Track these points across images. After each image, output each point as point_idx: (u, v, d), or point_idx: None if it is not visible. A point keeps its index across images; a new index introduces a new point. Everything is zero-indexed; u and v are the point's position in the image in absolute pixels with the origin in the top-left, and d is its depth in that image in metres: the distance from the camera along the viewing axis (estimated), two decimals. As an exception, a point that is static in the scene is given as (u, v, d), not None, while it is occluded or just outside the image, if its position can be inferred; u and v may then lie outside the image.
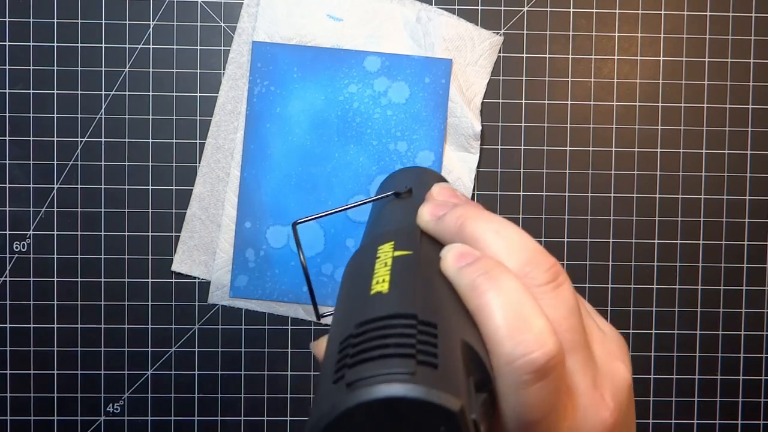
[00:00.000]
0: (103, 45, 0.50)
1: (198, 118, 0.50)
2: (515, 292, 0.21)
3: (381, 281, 0.22)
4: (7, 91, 0.50)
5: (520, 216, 0.51)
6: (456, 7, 0.50)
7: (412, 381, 0.18)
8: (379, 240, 0.26)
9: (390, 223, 0.29)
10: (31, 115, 0.50)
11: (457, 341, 0.20)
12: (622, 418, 0.23)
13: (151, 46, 0.50)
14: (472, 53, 0.50)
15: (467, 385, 0.19)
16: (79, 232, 0.50)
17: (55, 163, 0.50)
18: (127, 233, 0.50)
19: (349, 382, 0.18)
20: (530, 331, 0.20)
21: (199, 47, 0.50)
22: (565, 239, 0.51)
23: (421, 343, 0.19)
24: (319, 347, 0.28)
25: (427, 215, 0.26)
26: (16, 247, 0.50)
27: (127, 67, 0.50)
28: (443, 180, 0.35)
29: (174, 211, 0.50)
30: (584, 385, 0.22)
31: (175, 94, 0.50)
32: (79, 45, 0.50)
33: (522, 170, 0.51)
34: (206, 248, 0.50)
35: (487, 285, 0.21)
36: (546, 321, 0.20)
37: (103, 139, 0.50)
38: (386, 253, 0.24)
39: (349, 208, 0.32)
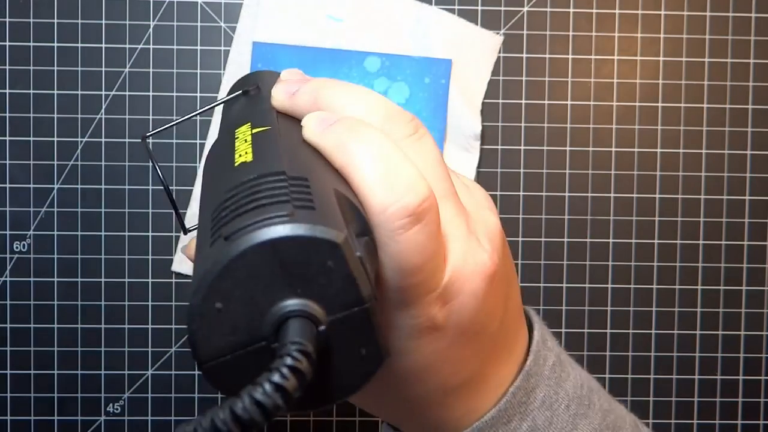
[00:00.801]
0: (103, 45, 0.50)
1: (198, 118, 0.50)
2: (381, 143, 0.21)
3: (244, 154, 0.22)
4: (7, 91, 0.50)
5: (520, 216, 0.51)
6: (456, 7, 0.50)
7: (292, 221, 0.17)
8: (235, 125, 0.25)
9: (242, 112, 0.28)
10: (31, 115, 0.50)
11: (331, 191, 0.20)
12: (500, 262, 0.23)
13: (151, 46, 0.50)
14: (472, 53, 0.50)
15: (347, 226, 0.19)
16: (79, 232, 0.50)
17: (55, 163, 0.50)
18: (127, 233, 0.50)
19: (227, 236, 0.17)
20: (400, 178, 0.20)
21: (199, 47, 0.50)
22: (565, 239, 0.51)
23: (294, 193, 0.19)
24: (191, 247, 0.28)
25: (280, 94, 0.25)
26: (16, 247, 0.50)
27: (127, 67, 0.50)
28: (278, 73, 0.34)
29: (174, 211, 0.50)
30: (459, 231, 0.22)
31: (175, 94, 0.50)
32: (79, 45, 0.50)
33: (522, 170, 0.51)
34: (206, 248, 0.50)
35: (352, 139, 0.21)
36: (414, 167, 0.21)
37: (103, 139, 0.50)
38: (244, 132, 0.24)
39: (201, 112, 0.32)
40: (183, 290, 0.50)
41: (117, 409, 0.51)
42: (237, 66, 0.50)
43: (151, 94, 0.50)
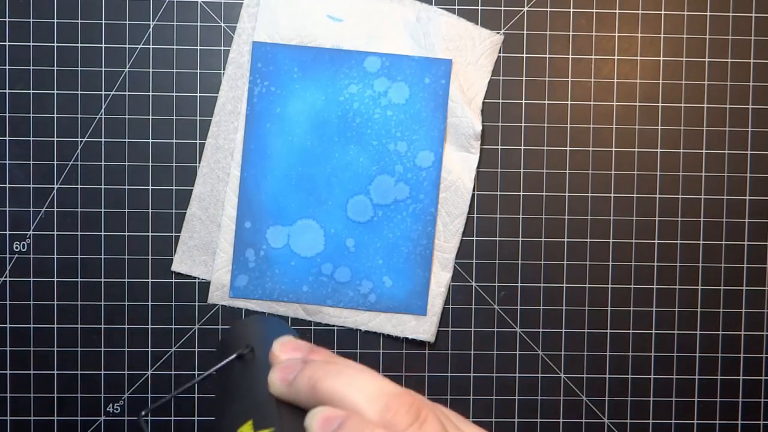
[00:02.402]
0: (103, 45, 0.50)
1: (198, 118, 0.50)
2: None
3: None
4: (7, 91, 0.50)
5: (520, 216, 0.51)
6: (456, 7, 0.50)
7: None
8: (236, 420, 0.25)
9: (241, 395, 0.28)
10: (31, 115, 0.50)
11: None
12: None
13: (151, 46, 0.50)
14: (473, 53, 0.50)
15: None
16: (79, 232, 0.50)
17: (55, 163, 0.50)
18: (127, 233, 0.50)
19: None
20: None
21: (199, 47, 0.50)
22: (565, 239, 0.51)
23: None
24: None
25: (277, 382, 0.25)
26: (16, 247, 0.50)
27: (127, 67, 0.50)
28: (280, 325, 0.34)
29: (174, 211, 0.50)
30: None
31: (175, 94, 0.50)
32: (79, 45, 0.50)
33: (522, 170, 0.51)
34: (206, 248, 0.50)
35: None
36: None
37: (103, 139, 0.50)
38: None
39: (194, 383, 0.31)
40: (183, 290, 0.51)
41: (117, 409, 0.51)
42: (237, 66, 0.50)
43: (151, 94, 0.50)
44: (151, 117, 0.50)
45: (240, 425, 0.25)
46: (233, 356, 0.30)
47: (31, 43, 0.50)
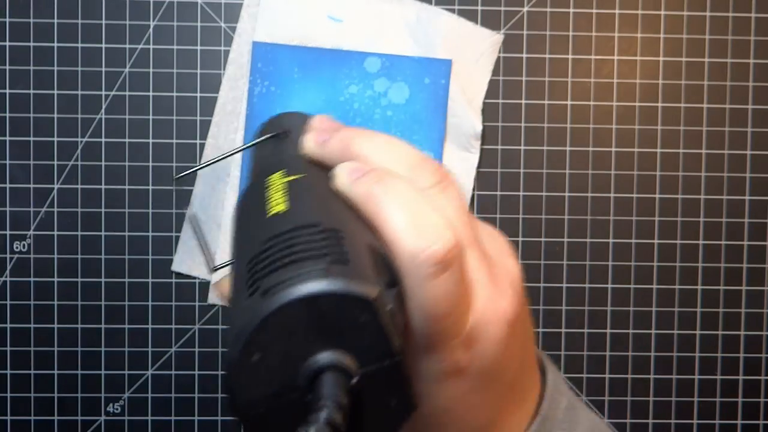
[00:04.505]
0: (103, 45, 0.50)
1: (198, 118, 0.50)
2: (408, 194, 0.22)
3: (278, 204, 0.23)
4: (7, 91, 0.50)
5: (520, 216, 0.51)
6: (456, 7, 0.50)
7: (327, 277, 0.18)
8: (267, 172, 0.26)
9: (274, 159, 0.28)
10: (31, 115, 0.50)
11: (363, 243, 0.20)
12: (521, 308, 0.24)
13: (151, 46, 0.50)
14: (473, 52, 0.50)
15: (379, 280, 0.19)
16: (79, 232, 0.50)
17: (55, 163, 0.50)
18: (127, 233, 0.50)
19: (265, 290, 0.18)
20: (428, 226, 0.21)
21: (199, 47, 0.50)
22: (565, 239, 0.51)
23: (328, 246, 0.19)
24: (222, 286, 0.28)
25: (311, 142, 0.26)
26: (16, 247, 0.50)
27: (127, 67, 0.50)
28: (307, 115, 0.35)
29: (174, 211, 0.50)
30: (483, 277, 0.23)
31: (175, 94, 0.50)
32: (79, 45, 0.50)
33: (522, 170, 0.51)
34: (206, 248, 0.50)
35: (381, 191, 0.22)
36: (441, 217, 0.21)
37: (103, 139, 0.50)
38: (277, 180, 0.24)
39: (232, 154, 0.32)
40: (183, 290, 0.51)
41: (117, 409, 0.51)
42: (237, 66, 0.50)
43: (151, 94, 0.50)
44: (151, 117, 0.50)
45: (270, 175, 0.25)
46: (270, 135, 0.31)
47: (31, 43, 0.50)
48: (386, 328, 0.18)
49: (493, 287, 0.23)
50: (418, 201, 0.22)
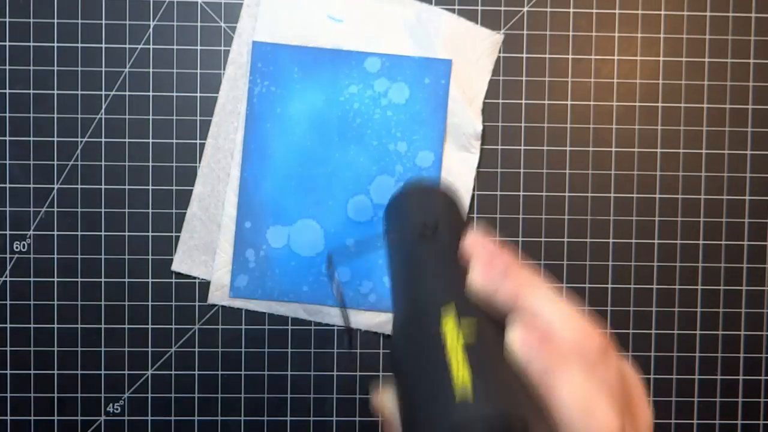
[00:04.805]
0: (103, 45, 0.50)
1: (198, 118, 0.50)
2: (581, 381, 0.24)
3: (460, 379, 0.23)
4: (7, 91, 0.50)
5: (520, 216, 0.51)
6: (456, 7, 0.50)
7: None
8: (434, 296, 0.27)
9: (432, 273, 0.29)
10: (31, 115, 0.50)
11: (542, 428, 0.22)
12: None
13: (151, 46, 0.50)
14: (473, 52, 0.50)
15: None
16: (79, 232, 0.50)
17: (55, 163, 0.50)
18: (127, 233, 0.50)
19: None
20: (596, 418, 0.23)
21: (199, 47, 0.50)
22: (565, 239, 0.51)
23: None
24: (384, 403, 0.29)
25: (479, 280, 0.28)
26: (16, 247, 0.50)
27: (127, 67, 0.50)
28: (451, 198, 0.35)
29: (174, 211, 0.50)
30: None
31: (175, 94, 0.50)
32: (79, 45, 0.50)
33: (522, 170, 0.51)
34: (206, 248, 0.50)
35: (557, 374, 0.24)
36: (607, 406, 0.23)
37: (103, 139, 0.50)
38: (451, 331, 0.25)
39: (375, 246, 0.33)
40: (183, 290, 0.51)
41: (117, 409, 0.51)
42: (237, 66, 0.50)
43: (151, 94, 0.50)
44: (151, 117, 0.50)
45: (441, 304, 0.26)
46: (416, 232, 0.31)
47: (31, 43, 0.50)
48: None
49: None
50: (589, 389, 0.23)
